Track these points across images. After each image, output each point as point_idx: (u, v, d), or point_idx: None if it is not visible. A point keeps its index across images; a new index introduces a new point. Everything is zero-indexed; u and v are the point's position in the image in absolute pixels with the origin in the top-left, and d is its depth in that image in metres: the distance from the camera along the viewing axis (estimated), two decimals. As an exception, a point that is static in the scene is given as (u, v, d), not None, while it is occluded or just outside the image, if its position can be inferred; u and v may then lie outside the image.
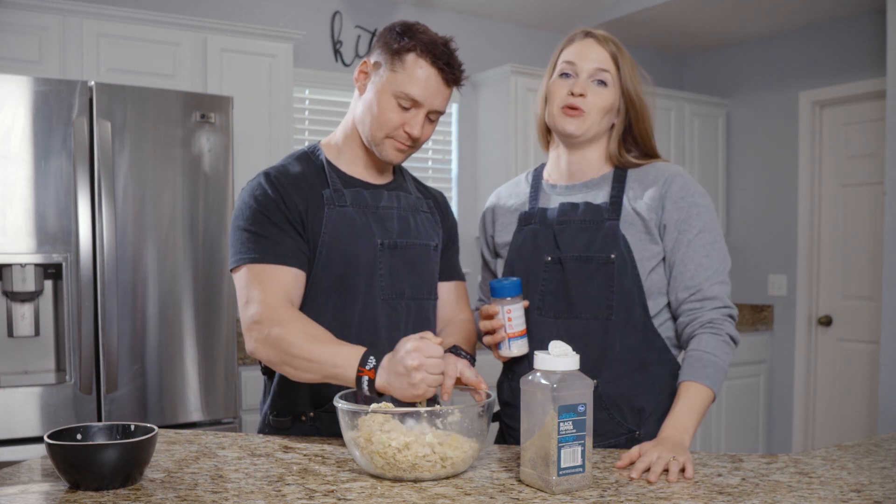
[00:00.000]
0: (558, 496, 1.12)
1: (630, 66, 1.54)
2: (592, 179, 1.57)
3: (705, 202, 1.52)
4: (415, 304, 1.57)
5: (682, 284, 1.49)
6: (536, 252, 1.55)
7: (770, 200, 4.67)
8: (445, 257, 1.69)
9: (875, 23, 4.08)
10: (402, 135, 1.50)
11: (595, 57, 1.52)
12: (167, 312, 2.67)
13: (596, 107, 1.51)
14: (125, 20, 3.11)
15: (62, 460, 1.12)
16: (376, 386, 1.28)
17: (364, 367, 1.29)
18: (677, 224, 1.49)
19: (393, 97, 1.47)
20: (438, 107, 1.50)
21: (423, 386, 1.24)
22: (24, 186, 2.47)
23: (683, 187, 1.50)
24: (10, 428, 2.44)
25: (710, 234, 1.50)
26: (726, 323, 1.48)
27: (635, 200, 1.51)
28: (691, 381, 1.42)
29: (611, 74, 1.51)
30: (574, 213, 1.53)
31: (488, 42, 4.42)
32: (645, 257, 1.49)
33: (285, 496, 1.11)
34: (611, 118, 1.54)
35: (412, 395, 1.26)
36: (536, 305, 1.54)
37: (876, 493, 1.14)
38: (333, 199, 1.51)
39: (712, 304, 1.48)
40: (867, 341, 4.20)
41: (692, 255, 1.49)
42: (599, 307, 1.49)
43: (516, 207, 1.65)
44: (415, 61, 1.46)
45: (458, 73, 1.51)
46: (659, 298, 1.52)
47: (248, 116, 3.32)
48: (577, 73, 1.52)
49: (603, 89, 1.51)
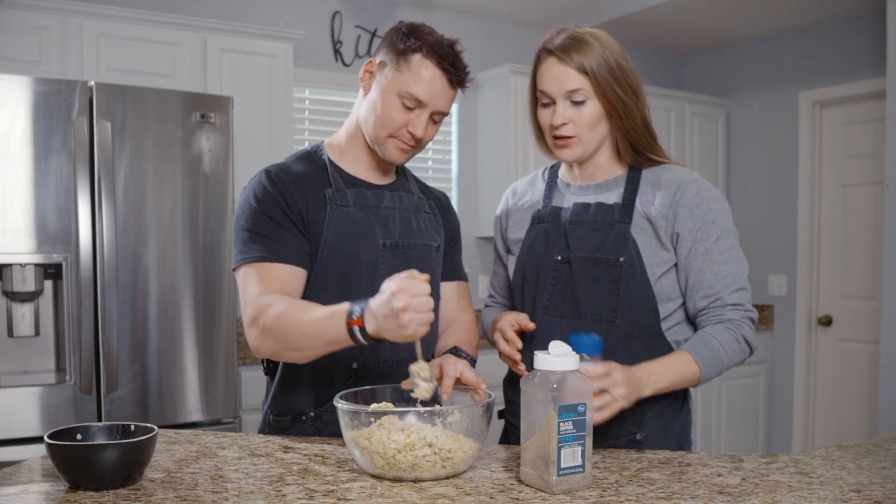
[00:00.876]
0: (558, 496, 1.12)
1: (603, 67, 1.45)
2: (606, 181, 1.55)
3: (720, 207, 1.49)
4: None
5: (700, 293, 1.48)
6: (547, 251, 1.54)
7: (770, 200, 4.67)
8: (448, 257, 1.69)
9: (875, 23, 4.08)
10: (406, 135, 1.50)
11: (563, 79, 1.46)
12: (167, 312, 2.67)
13: (583, 125, 1.48)
14: (125, 20, 3.11)
15: (62, 460, 1.12)
16: (369, 332, 1.26)
17: (352, 317, 1.27)
18: (693, 232, 1.47)
19: (397, 97, 1.47)
20: (443, 108, 1.50)
21: (412, 326, 1.21)
22: (24, 186, 2.47)
23: (698, 194, 1.48)
24: (10, 428, 2.44)
25: (728, 239, 1.48)
26: (745, 326, 1.47)
27: (647, 205, 1.49)
28: (686, 352, 1.43)
29: (585, 89, 1.46)
30: (586, 214, 1.52)
31: (488, 42, 4.43)
32: (655, 262, 1.48)
33: (285, 496, 1.11)
34: (604, 124, 1.50)
35: (404, 337, 1.23)
36: (543, 304, 1.54)
37: (876, 493, 1.14)
38: (336, 199, 1.51)
39: (733, 308, 1.47)
40: (867, 341, 4.20)
41: (710, 264, 1.47)
42: (604, 309, 1.48)
43: (531, 205, 1.64)
44: (420, 62, 1.46)
45: (464, 75, 1.51)
46: (668, 304, 1.50)
47: (248, 116, 3.32)
48: (553, 99, 1.49)
49: (582, 108, 1.47)
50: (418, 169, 4.25)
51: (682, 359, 1.42)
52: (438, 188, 1.80)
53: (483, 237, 4.40)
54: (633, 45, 4.86)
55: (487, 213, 4.31)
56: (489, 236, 4.35)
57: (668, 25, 4.46)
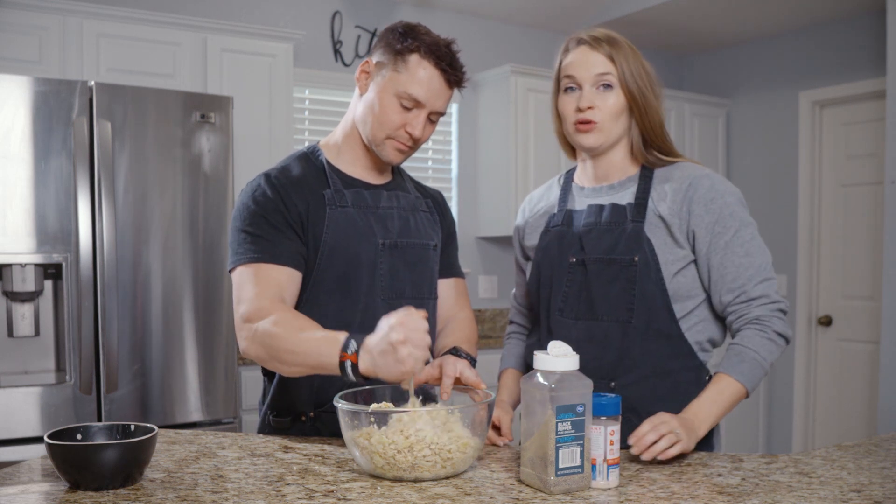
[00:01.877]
0: (557, 496, 1.12)
1: (630, 61, 1.49)
2: (620, 181, 1.55)
3: (736, 199, 1.49)
4: (415, 303, 1.56)
5: (724, 287, 1.46)
6: (562, 253, 1.55)
7: (770, 200, 4.67)
8: (444, 254, 1.69)
9: (875, 23, 4.08)
10: (404, 135, 1.50)
11: (592, 64, 1.49)
12: (167, 312, 2.67)
13: (607, 112, 1.49)
14: (125, 20, 3.11)
15: (62, 460, 1.12)
16: (361, 370, 1.25)
17: (346, 351, 1.26)
18: (710, 227, 1.46)
19: (395, 97, 1.48)
20: (440, 108, 1.51)
21: (410, 361, 1.20)
22: (24, 186, 2.47)
23: (712, 188, 1.47)
24: (10, 428, 2.44)
25: (747, 230, 1.47)
26: (774, 319, 1.45)
27: (660, 203, 1.49)
28: (723, 374, 1.42)
29: (613, 76, 1.48)
30: (599, 216, 1.52)
31: (488, 42, 4.42)
32: (669, 260, 1.47)
33: (285, 496, 1.11)
34: (626, 118, 1.51)
35: (400, 372, 1.22)
36: (558, 306, 1.54)
37: (876, 493, 1.14)
38: (335, 200, 1.52)
39: (758, 302, 1.45)
40: (867, 341, 4.20)
41: (731, 258, 1.45)
42: (620, 310, 1.47)
43: (546, 210, 1.65)
44: (418, 62, 1.46)
45: (461, 75, 1.51)
46: (686, 302, 1.49)
47: (248, 116, 3.32)
48: (580, 84, 1.50)
49: (609, 93, 1.49)
50: (418, 169, 4.25)
51: (721, 384, 1.42)
52: (438, 188, 1.81)
53: (483, 237, 4.40)
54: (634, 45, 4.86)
55: (487, 213, 4.31)
56: (489, 236, 4.35)
57: (668, 25, 4.46)
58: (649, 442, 1.27)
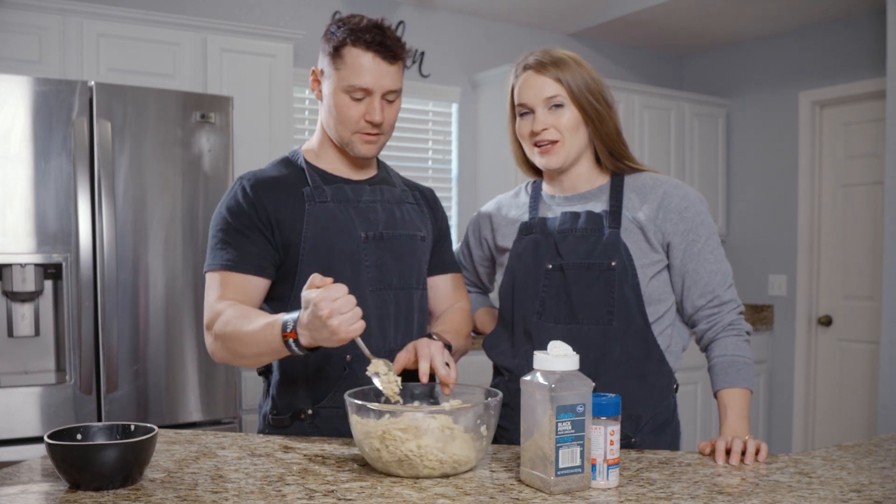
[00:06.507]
0: (557, 496, 1.12)
1: (577, 77, 1.53)
2: (590, 190, 1.60)
3: (705, 207, 1.57)
4: (403, 293, 1.60)
5: (697, 292, 1.55)
6: (537, 260, 1.58)
7: (770, 200, 4.67)
8: (440, 251, 1.71)
9: (875, 23, 4.08)
10: (366, 125, 1.53)
11: (540, 87, 1.53)
12: (167, 312, 2.67)
13: (563, 129, 1.53)
14: (125, 20, 3.11)
15: (62, 460, 1.12)
16: (304, 344, 1.30)
17: (286, 331, 1.31)
18: (685, 234, 1.54)
19: (344, 93, 1.51)
20: (390, 86, 1.52)
21: (343, 329, 1.24)
22: (24, 186, 2.47)
23: (685, 198, 1.55)
24: (10, 428, 2.44)
25: (714, 238, 1.57)
26: (742, 321, 1.56)
27: (634, 210, 1.55)
28: (731, 388, 1.50)
29: (562, 95, 1.53)
30: (575, 222, 1.56)
31: (488, 42, 4.42)
32: (645, 264, 1.53)
33: (285, 496, 1.11)
34: (583, 130, 1.56)
35: (340, 340, 1.25)
36: (536, 311, 1.57)
37: (876, 493, 1.14)
38: (314, 196, 1.55)
39: (728, 307, 1.55)
40: (867, 341, 4.20)
41: (704, 264, 1.54)
42: (600, 313, 1.52)
43: (517, 217, 1.68)
44: (350, 52, 1.49)
45: (399, 49, 1.52)
46: (658, 306, 1.55)
47: (248, 116, 3.32)
48: (532, 108, 1.55)
49: (561, 111, 1.53)
50: (418, 169, 4.25)
51: (737, 398, 1.50)
52: (438, 188, 1.82)
53: (483, 237, 4.39)
54: (633, 45, 4.86)
55: (487, 213, 4.30)
56: (489, 236, 4.35)
57: (668, 25, 4.46)
58: (738, 449, 1.33)
